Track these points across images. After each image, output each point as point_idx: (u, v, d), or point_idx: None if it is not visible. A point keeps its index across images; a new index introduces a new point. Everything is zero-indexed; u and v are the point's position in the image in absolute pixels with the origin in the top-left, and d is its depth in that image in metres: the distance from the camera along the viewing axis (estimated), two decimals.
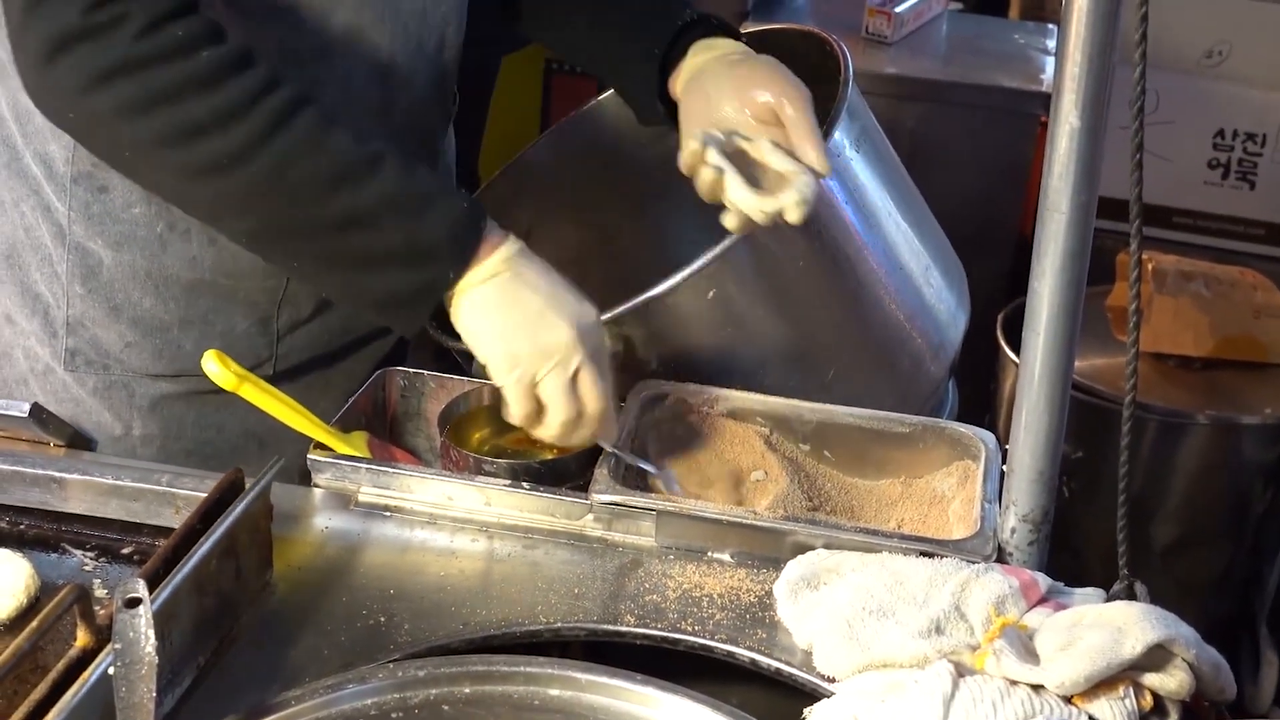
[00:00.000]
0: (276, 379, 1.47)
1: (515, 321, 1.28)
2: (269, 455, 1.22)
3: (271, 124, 1.23)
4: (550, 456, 1.37)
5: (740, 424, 1.40)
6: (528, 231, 1.79)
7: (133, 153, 1.26)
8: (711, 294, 1.41)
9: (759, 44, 1.73)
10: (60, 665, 0.98)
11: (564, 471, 1.32)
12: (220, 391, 1.32)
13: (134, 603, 0.97)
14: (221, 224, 1.31)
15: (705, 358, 1.44)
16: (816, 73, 1.63)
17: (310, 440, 1.34)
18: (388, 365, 1.52)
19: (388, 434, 1.47)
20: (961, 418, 1.57)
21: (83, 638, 1.01)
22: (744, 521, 1.26)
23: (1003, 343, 2.55)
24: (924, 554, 1.21)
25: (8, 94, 1.41)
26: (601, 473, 1.29)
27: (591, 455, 1.33)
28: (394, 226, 1.27)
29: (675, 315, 1.41)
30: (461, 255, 1.28)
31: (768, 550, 1.26)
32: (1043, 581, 1.17)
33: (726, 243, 1.39)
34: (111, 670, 0.94)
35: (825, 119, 1.47)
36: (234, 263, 1.43)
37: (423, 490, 1.31)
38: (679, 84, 1.55)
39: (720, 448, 1.39)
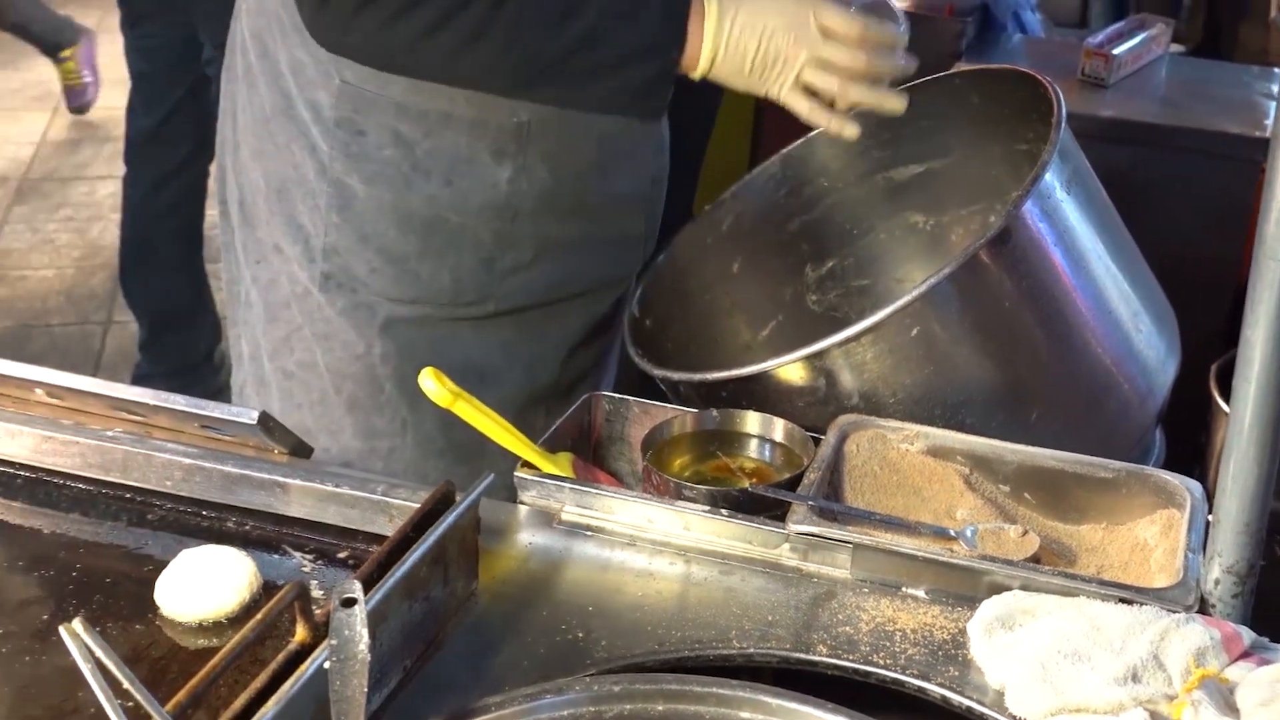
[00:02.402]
0: (498, 316, 1.65)
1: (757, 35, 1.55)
2: (487, 390, 1.41)
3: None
4: (749, 485, 1.39)
5: (940, 462, 1.40)
6: (736, 266, 1.84)
7: (403, 52, 1.53)
8: (915, 331, 1.42)
9: (973, 84, 1.74)
10: (280, 658, 1.04)
11: (762, 501, 1.34)
12: (451, 320, 1.59)
13: (350, 602, 1.03)
14: (489, 85, 1.56)
15: (906, 394, 1.45)
16: (1029, 114, 1.64)
17: (518, 458, 1.39)
18: (600, 323, 1.71)
19: (591, 456, 1.51)
20: (1168, 467, 1.54)
21: (301, 633, 1.06)
22: (940, 559, 1.26)
23: (1215, 394, 2.48)
24: (1123, 601, 1.20)
25: (286, 50, 1.62)
26: (799, 504, 1.31)
27: (790, 486, 1.35)
28: (617, 31, 1.53)
29: (878, 351, 1.43)
30: (677, 38, 1.54)
31: (963, 588, 1.26)
32: (1246, 635, 1.15)
33: (932, 280, 1.40)
34: (327, 665, 1.00)
35: (1038, 161, 1.47)
36: (464, 201, 1.60)
37: (624, 512, 1.34)
38: None
39: (918, 485, 1.39)
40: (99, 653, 0.96)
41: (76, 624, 0.97)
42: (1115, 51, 3.10)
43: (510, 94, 1.56)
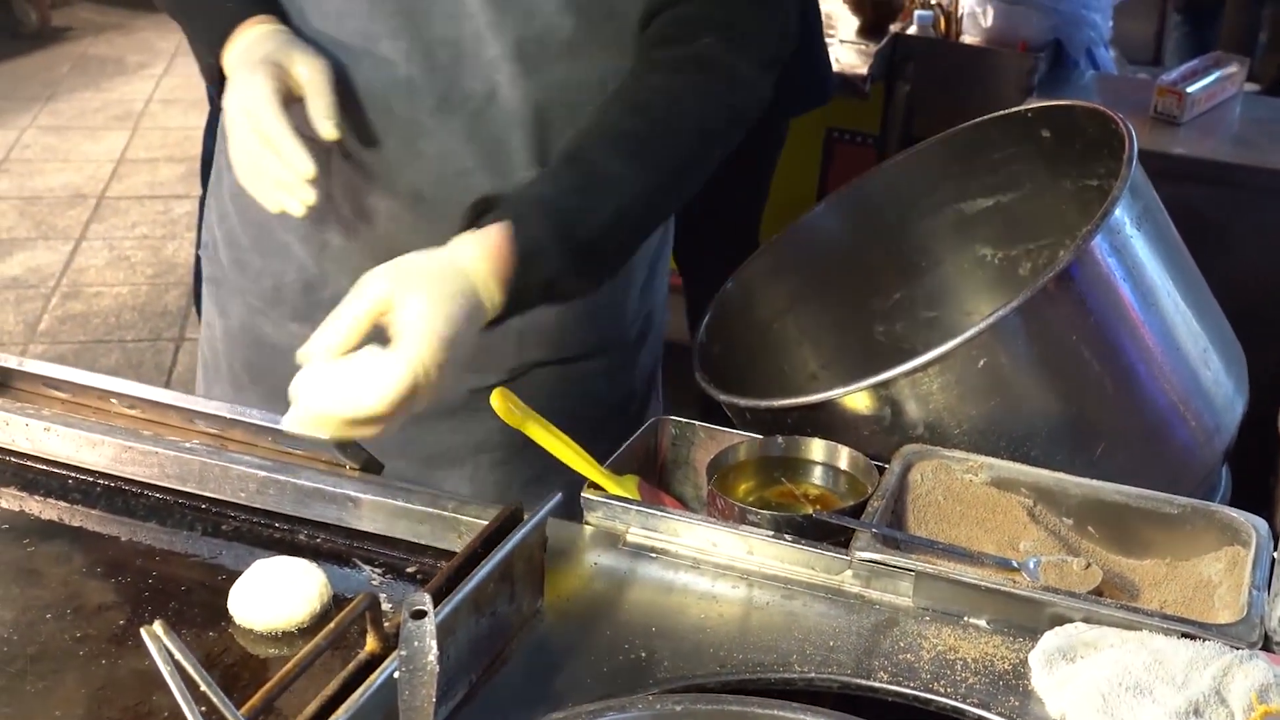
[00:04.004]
0: None
1: None
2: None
3: None
4: (813, 511, 1.40)
5: (1003, 494, 1.41)
6: (804, 295, 1.85)
7: None
8: (982, 363, 1.42)
9: (1045, 119, 1.75)
10: (350, 666, 1.06)
11: (826, 527, 1.35)
12: None
13: (420, 614, 1.05)
14: None
15: (972, 425, 1.46)
16: (1101, 150, 1.64)
17: (584, 479, 1.41)
18: None
19: (657, 479, 1.53)
20: (1234, 505, 1.54)
21: (371, 643, 1.09)
22: (1003, 589, 1.27)
23: None
24: (1186, 636, 1.20)
25: None
26: (863, 531, 1.32)
27: (854, 513, 1.36)
28: None
29: (944, 382, 1.44)
30: None
31: (1025, 619, 1.26)
32: None
33: (1000, 312, 1.41)
34: (396, 674, 1.02)
35: (1108, 197, 1.47)
36: None
37: (689, 535, 1.36)
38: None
39: (982, 515, 1.40)
40: (178, 656, 0.99)
41: (157, 627, 1.00)
42: (1189, 89, 3.10)
43: None
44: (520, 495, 1.61)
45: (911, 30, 3.53)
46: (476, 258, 1.32)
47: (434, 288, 1.28)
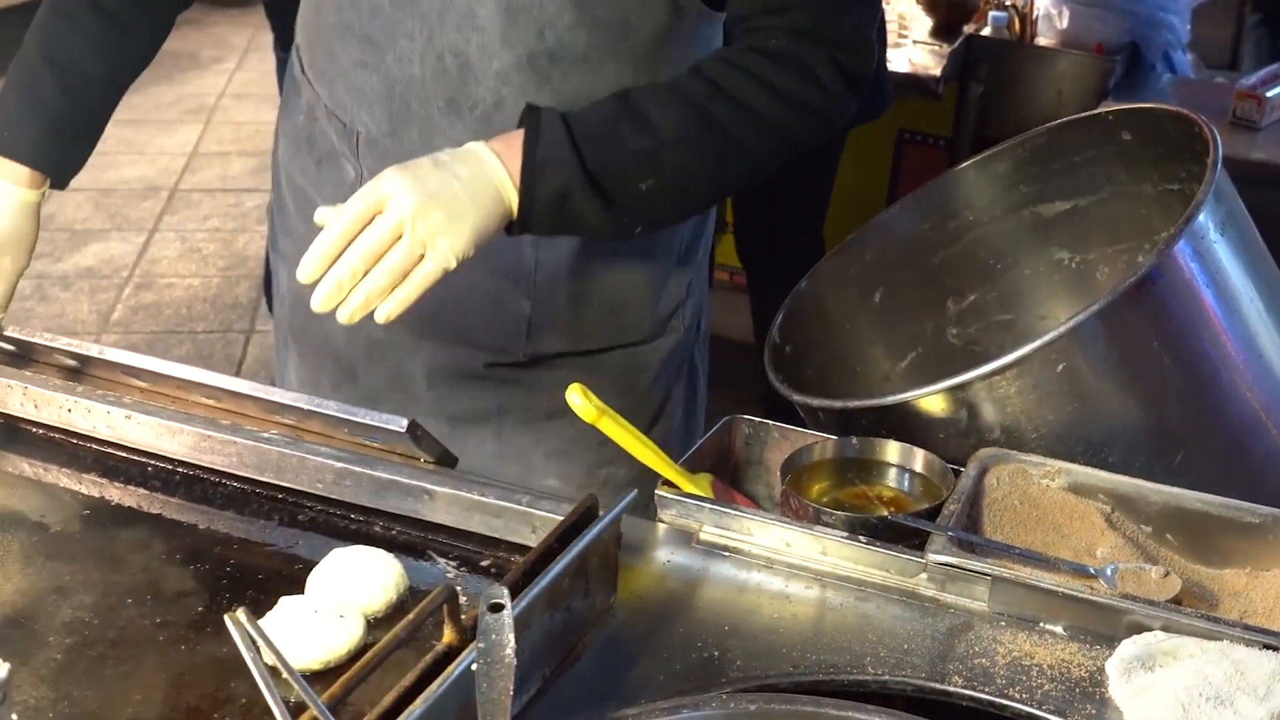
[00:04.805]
0: None
1: None
2: None
3: None
4: (887, 513, 1.39)
5: (1081, 500, 1.39)
6: (878, 296, 1.84)
7: None
8: (1061, 367, 1.41)
9: (1125, 121, 1.73)
10: (428, 658, 1.07)
11: (901, 530, 1.34)
12: None
13: (498, 607, 1.05)
14: None
15: (1049, 430, 1.44)
16: (1182, 153, 1.63)
17: (658, 477, 1.41)
18: None
19: (730, 478, 1.53)
20: None
21: (449, 635, 1.09)
22: (1081, 595, 1.25)
23: None
24: (1268, 647, 1.18)
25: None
26: (939, 534, 1.31)
27: (929, 516, 1.35)
28: None
29: (1022, 385, 1.42)
30: None
31: (1103, 627, 1.25)
32: None
33: (1080, 316, 1.39)
34: (474, 667, 1.02)
35: (1190, 201, 1.46)
36: None
37: (762, 534, 1.36)
38: None
39: (1058, 521, 1.39)
40: (260, 643, 1.00)
41: (240, 614, 1.01)
42: (1268, 94, 3.06)
43: None
44: (544, 462, 1.71)
45: (985, 31, 3.50)
46: (490, 151, 1.41)
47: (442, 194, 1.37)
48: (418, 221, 1.36)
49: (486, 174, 1.40)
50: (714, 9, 1.57)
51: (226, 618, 1.02)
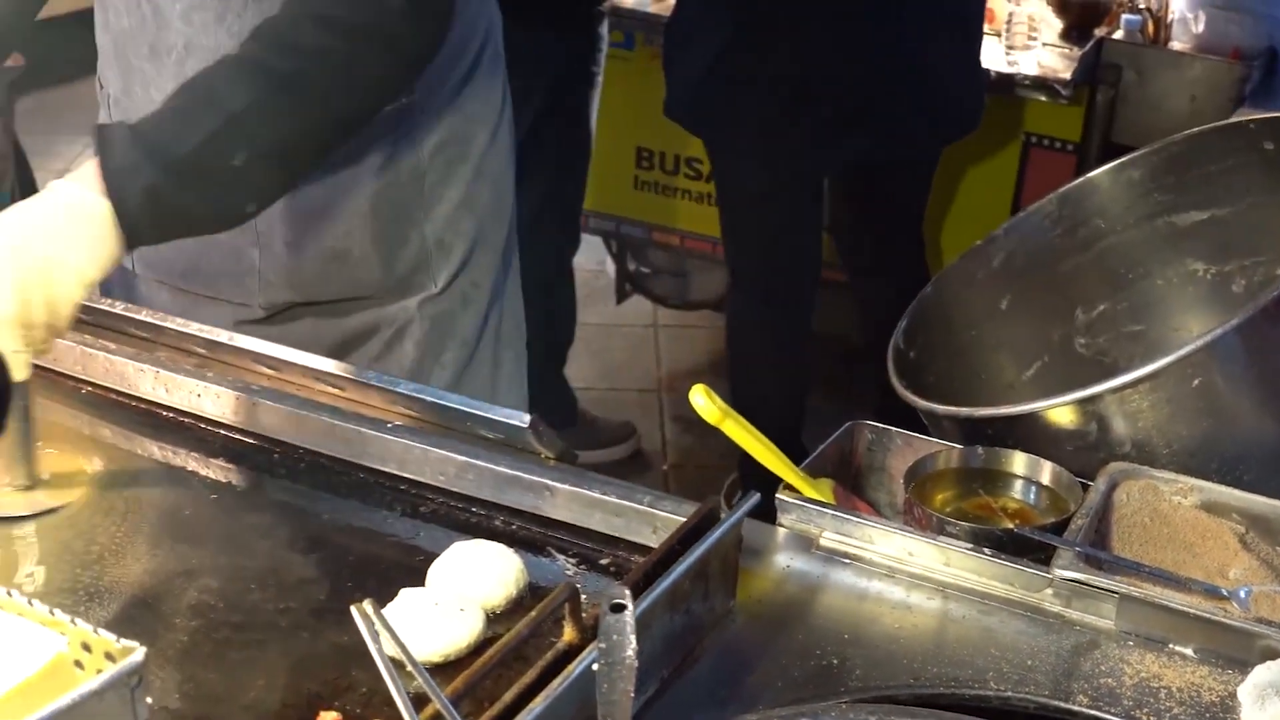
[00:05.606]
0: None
1: None
2: None
3: None
4: (1013, 526, 1.37)
5: (1214, 518, 1.36)
6: (1005, 303, 1.81)
7: None
8: (1196, 382, 1.38)
9: (1268, 130, 1.69)
10: (548, 655, 1.07)
11: (1026, 543, 1.32)
12: None
13: (619, 608, 1.05)
14: None
15: (1182, 446, 1.41)
16: None
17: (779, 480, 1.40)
18: None
19: (851, 484, 1.51)
20: None
21: (569, 633, 1.09)
22: (1213, 618, 1.22)
23: None
24: None
25: None
26: (1066, 549, 1.29)
27: (1056, 530, 1.33)
28: None
29: (1155, 400, 1.39)
30: None
31: (1235, 650, 1.21)
32: None
33: (1218, 331, 1.36)
34: (595, 666, 1.02)
35: None
36: None
37: (884, 542, 1.34)
38: None
39: (1190, 540, 1.35)
40: (385, 635, 1.01)
41: (367, 605, 1.01)
42: None
43: None
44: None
45: (1118, 35, 3.43)
46: (66, 184, 1.38)
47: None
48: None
49: (75, 208, 1.38)
50: None
51: (353, 608, 1.02)
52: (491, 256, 1.84)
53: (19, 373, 1.35)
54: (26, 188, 3.54)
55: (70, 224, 1.37)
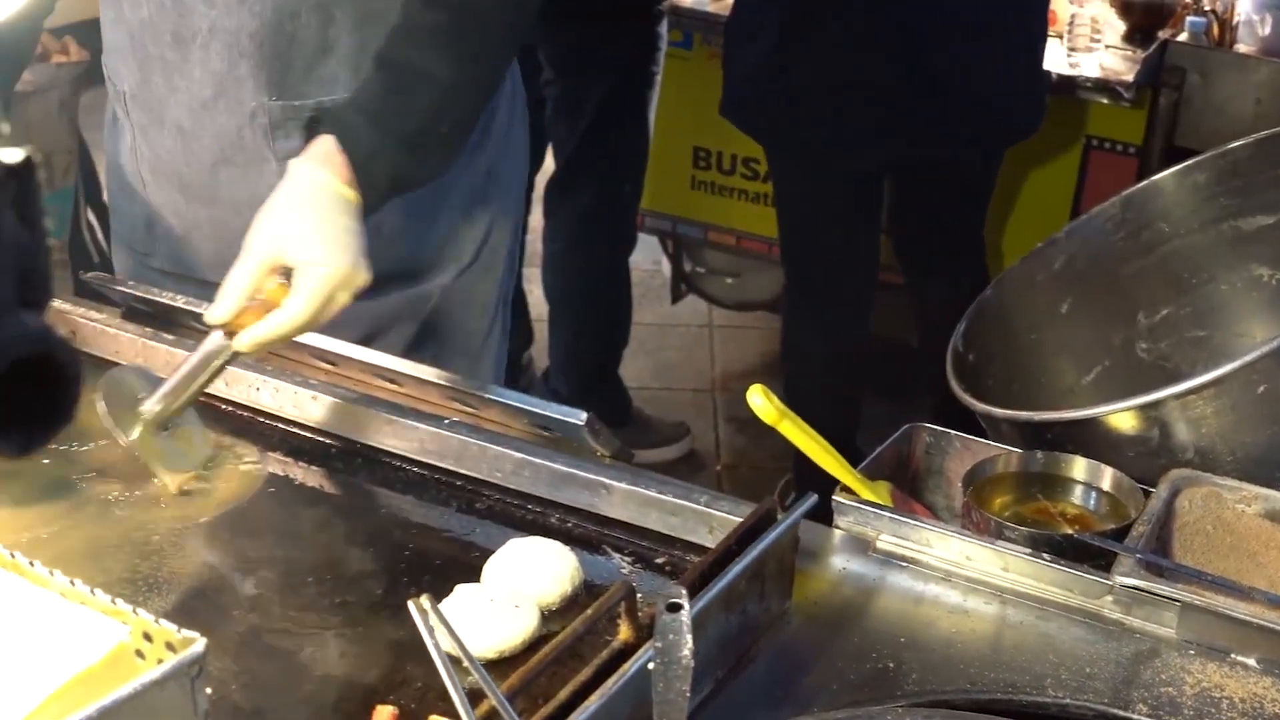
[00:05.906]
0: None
1: None
2: None
3: None
4: (1073, 531, 1.35)
5: (1278, 527, 1.34)
6: (1065, 306, 1.80)
7: None
8: (1262, 389, 1.36)
9: None
10: (604, 654, 1.07)
11: (1086, 549, 1.31)
12: None
13: (676, 607, 1.05)
14: None
15: (1246, 454, 1.39)
16: None
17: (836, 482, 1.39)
18: None
19: (909, 487, 1.50)
20: None
21: (625, 632, 1.09)
22: (1277, 628, 1.20)
23: None
24: None
25: None
26: (1127, 556, 1.27)
27: (1117, 536, 1.31)
28: None
29: (1219, 406, 1.37)
30: None
31: None
32: None
33: None
34: (651, 665, 1.02)
35: None
36: None
37: (942, 546, 1.33)
38: None
39: (1254, 549, 1.33)
40: (441, 630, 1.01)
41: (424, 600, 1.01)
42: None
43: None
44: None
45: (1182, 37, 3.39)
46: (322, 173, 1.44)
47: (309, 221, 1.42)
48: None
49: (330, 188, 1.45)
50: None
51: (410, 603, 1.02)
52: (509, 223, 1.88)
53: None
54: (89, 181, 3.58)
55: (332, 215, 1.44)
